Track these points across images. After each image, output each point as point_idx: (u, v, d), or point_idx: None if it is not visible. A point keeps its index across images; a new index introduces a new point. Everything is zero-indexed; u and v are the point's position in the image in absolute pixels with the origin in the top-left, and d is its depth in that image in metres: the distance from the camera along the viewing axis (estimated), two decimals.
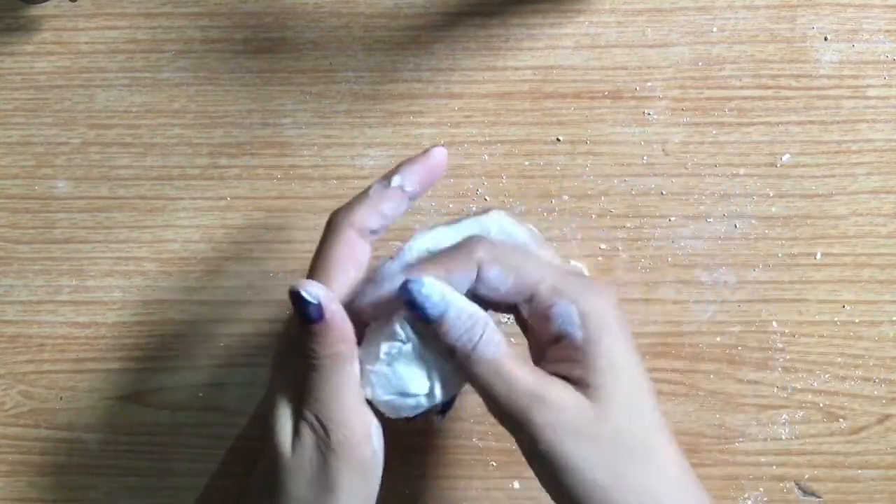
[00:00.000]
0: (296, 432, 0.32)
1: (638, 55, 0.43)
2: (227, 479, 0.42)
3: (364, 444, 0.31)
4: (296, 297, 0.30)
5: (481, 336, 0.30)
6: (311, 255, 0.43)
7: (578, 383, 0.30)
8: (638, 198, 0.42)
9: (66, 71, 0.44)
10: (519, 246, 0.33)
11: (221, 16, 0.44)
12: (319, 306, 0.30)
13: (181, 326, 0.43)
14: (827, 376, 0.41)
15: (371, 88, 0.43)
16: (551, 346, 0.32)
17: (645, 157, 0.43)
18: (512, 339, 0.32)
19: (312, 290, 0.31)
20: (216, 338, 0.42)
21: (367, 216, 0.34)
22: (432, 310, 0.30)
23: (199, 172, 0.43)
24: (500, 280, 0.31)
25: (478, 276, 0.31)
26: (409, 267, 0.32)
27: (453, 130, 0.43)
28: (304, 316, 0.31)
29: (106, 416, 0.42)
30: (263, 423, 0.33)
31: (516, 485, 0.41)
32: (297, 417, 0.32)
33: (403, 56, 0.43)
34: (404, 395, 0.31)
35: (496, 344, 0.30)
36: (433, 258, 0.32)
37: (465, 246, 0.32)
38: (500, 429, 0.42)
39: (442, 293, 0.30)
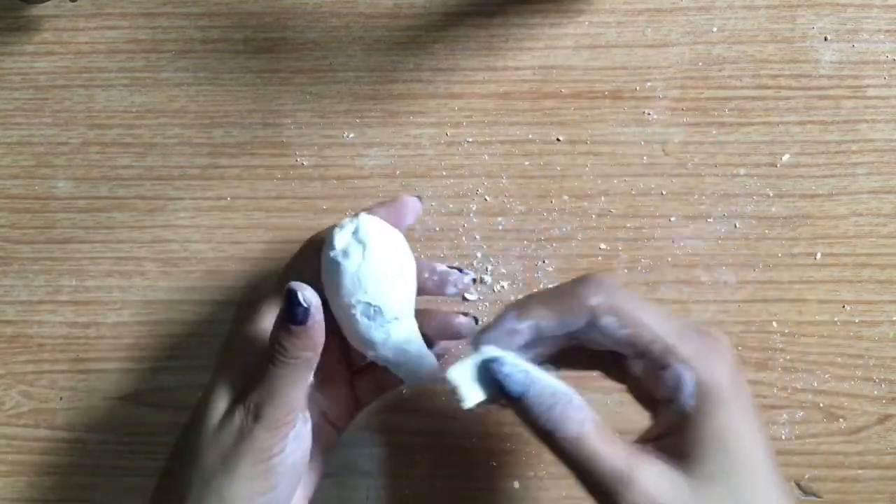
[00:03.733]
0: (228, 412, 0.33)
1: (638, 55, 0.43)
2: None
3: (285, 433, 0.32)
4: (291, 296, 0.31)
5: (562, 415, 0.29)
6: None
7: (681, 457, 0.29)
8: (638, 198, 0.42)
9: (66, 71, 0.44)
10: (634, 295, 0.31)
11: (221, 16, 0.44)
12: (308, 311, 0.31)
13: (181, 326, 0.43)
14: (827, 376, 0.41)
15: (371, 88, 0.43)
16: (660, 407, 0.31)
17: (645, 157, 0.43)
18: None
19: (307, 295, 0.32)
20: (216, 338, 0.42)
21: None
22: (514, 388, 0.30)
23: (199, 172, 0.43)
24: (612, 330, 0.30)
25: (590, 321, 0.30)
26: (519, 305, 0.32)
27: (453, 130, 0.43)
28: (291, 316, 0.31)
29: (106, 416, 0.42)
30: (200, 399, 0.34)
31: (516, 485, 0.41)
32: (236, 401, 0.33)
33: (403, 56, 0.43)
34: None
35: (579, 423, 0.29)
36: (544, 297, 0.32)
37: (580, 287, 0.31)
38: (500, 429, 0.42)
39: (525, 371, 0.30)
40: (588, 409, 0.30)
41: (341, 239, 0.33)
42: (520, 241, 0.42)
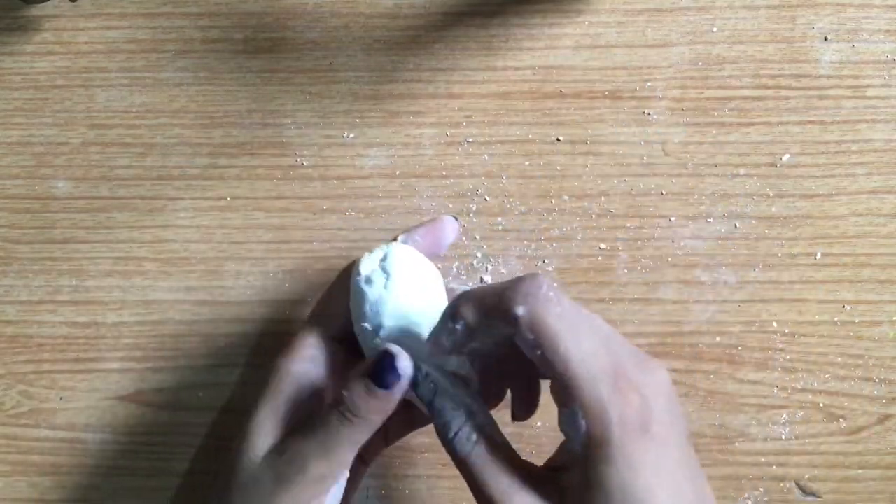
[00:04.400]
0: (269, 455, 0.32)
1: (638, 55, 0.43)
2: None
3: (329, 489, 0.32)
4: (388, 361, 0.31)
5: (457, 432, 0.30)
6: (310, 255, 0.43)
7: (563, 497, 0.29)
8: (638, 198, 0.42)
9: (66, 71, 0.44)
10: (567, 313, 0.29)
11: (221, 16, 0.44)
12: (400, 381, 0.31)
13: (181, 326, 0.43)
14: (827, 376, 0.41)
15: (371, 88, 0.43)
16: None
17: (645, 157, 0.43)
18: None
19: (404, 365, 0.31)
20: (216, 338, 0.42)
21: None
22: (422, 395, 0.31)
23: (199, 172, 0.43)
24: (529, 348, 0.29)
25: (515, 330, 0.29)
26: (457, 301, 0.31)
27: (453, 130, 0.43)
28: (380, 380, 0.31)
29: (106, 416, 0.42)
30: (243, 422, 0.34)
31: None
32: (279, 444, 0.32)
33: (403, 56, 0.43)
34: None
35: (471, 444, 0.30)
36: (478, 296, 0.31)
37: (509, 292, 0.29)
38: (500, 430, 0.42)
39: (434, 382, 0.31)
40: (486, 431, 0.30)
41: (367, 265, 0.33)
42: (520, 241, 0.42)
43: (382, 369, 0.30)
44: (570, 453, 0.29)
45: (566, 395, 0.28)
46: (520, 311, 0.29)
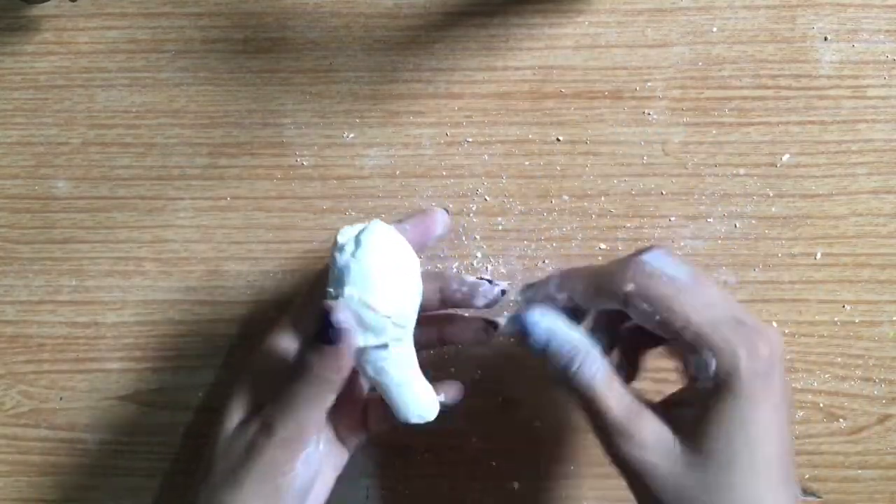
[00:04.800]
0: (242, 424, 0.34)
1: (638, 55, 0.43)
2: None
3: (297, 453, 0.33)
4: (324, 315, 0.32)
5: (580, 365, 0.32)
6: (310, 255, 0.43)
7: (685, 429, 0.31)
8: (638, 198, 0.42)
9: (66, 71, 0.44)
10: (676, 279, 0.32)
11: (221, 16, 0.44)
12: (338, 332, 0.32)
13: (181, 326, 0.43)
14: (827, 376, 0.41)
15: (371, 88, 0.43)
16: (690, 380, 0.32)
17: (645, 157, 0.43)
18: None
19: (340, 317, 0.32)
20: (216, 338, 0.42)
21: None
22: (536, 342, 0.32)
23: (199, 172, 0.43)
24: (646, 317, 0.32)
25: (624, 305, 0.32)
26: (562, 276, 0.34)
27: (453, 130, 0.43)
28: (321, 335, 0.32)
29: (106, 416, 0.42)
30: (219, 411, 0.36)
31: (516, 485, 0.41)
32: (251, 413, 0.34)
33: (403, 56, 0.43)
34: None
35: (592, 373, 0.32)
36: (585, 274, 0.34)
37: (617, 274, 0.32)
38: (500, 429, 0.42)
39: (548, 327, 0.32)
40: (603, 362, 0.32)
41: (343, 236, 0.34)
42: (520, 241, 0.42)
43: (322, 325, 0.32)
44: (695, 391, 0.31)
45: (696, 343, 0.31)
46: (628, 287, 0.32)
